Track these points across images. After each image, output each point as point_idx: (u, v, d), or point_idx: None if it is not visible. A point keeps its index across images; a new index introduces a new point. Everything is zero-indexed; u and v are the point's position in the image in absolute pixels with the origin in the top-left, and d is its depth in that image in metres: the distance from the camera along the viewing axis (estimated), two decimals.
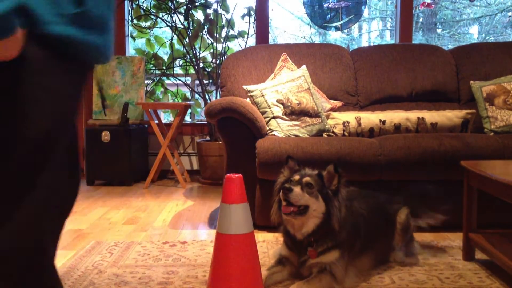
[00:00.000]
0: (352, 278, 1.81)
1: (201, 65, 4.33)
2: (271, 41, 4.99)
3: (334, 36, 9.38)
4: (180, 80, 4.46)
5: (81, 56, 0.93)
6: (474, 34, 9.89)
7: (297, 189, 1.70)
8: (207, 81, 4.38)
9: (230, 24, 4.31)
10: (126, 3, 4.39)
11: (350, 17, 4.52)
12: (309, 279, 1.72)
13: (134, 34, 4.44)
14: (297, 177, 1.75)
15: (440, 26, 9.82)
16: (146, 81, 4.42)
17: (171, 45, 4.36)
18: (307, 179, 1.72)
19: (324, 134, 2.86)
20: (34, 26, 0.85)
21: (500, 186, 1.76)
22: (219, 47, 4.31)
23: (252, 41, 4.41)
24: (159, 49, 4.45)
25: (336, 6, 4.50)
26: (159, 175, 4.27)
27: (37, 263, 0.90)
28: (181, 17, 4.31)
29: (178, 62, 4.48)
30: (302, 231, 1.74)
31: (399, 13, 4.33)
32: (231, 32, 4.34)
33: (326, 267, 1.73)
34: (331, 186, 1.74)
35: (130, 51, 4.58)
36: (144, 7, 4.37)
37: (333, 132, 2.87)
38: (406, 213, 2.05)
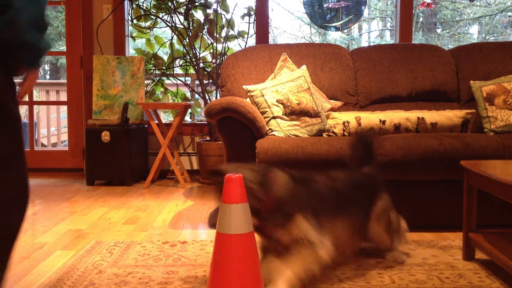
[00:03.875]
0: (328, 241, 1.73)
1: (201, 65, 4.33)
2: (271, 41, 5.00)
3: (334, 36, 9.38)
4: (180, 80, 4.46)
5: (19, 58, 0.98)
6: (474, 34, 9.90)
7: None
8: (207, 81, 4.38)
9: (230, 24, 4.31)
10: (126, 3, 4.39)
11: (350, 17, 4.52)
12: (288, 258, 1.68)
13: (134, 34, 4.43)
14: None
15: (440, 26, 9.83)
16: (146, 81, 4.41)
17: (171, 45, 4.37)
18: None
19: (324, 134, 2.86)
20: None
21: (500, 186, 1.76)
22: (219, 47, 4.31)
23: (252, 41, 4.41)
24: (159, 49, 4.45)
25: (336, 6, 4.50)
26: (159, 175, 4.27)
27: None
28: (181, 17, 4.31)
29: (178, 62, 4.48)
30: None
31: (399, 13, 4.33)
32: (231, 32, 4.34)
33: (299, 240, 1.68)
34: None
35: (130, 51, 4.58)
36: (144, 7, 4.37)
37: (333, 132, 2.87)
38: (386, 197, 2.04)
